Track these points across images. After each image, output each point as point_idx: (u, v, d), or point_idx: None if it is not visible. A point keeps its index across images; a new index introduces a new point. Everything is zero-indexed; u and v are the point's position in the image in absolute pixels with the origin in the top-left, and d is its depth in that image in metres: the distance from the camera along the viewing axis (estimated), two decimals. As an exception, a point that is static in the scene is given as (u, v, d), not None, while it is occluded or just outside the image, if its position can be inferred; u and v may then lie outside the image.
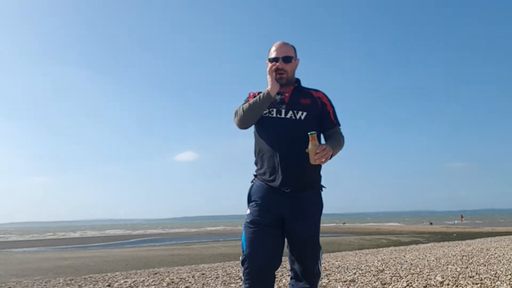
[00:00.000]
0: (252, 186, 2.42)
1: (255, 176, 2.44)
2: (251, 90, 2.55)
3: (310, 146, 2.16)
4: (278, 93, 2.39)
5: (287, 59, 2.38)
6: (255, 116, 2.37)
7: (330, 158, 2.22)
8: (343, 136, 2.47)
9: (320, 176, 2.43)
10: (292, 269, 2.38)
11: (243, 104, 2.42)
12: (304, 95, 2.42)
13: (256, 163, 2.45)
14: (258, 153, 2.42)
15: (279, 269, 2.43)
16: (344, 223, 67.30)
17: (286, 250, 2.37)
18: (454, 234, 26.51)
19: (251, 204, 2.36)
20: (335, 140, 2.37)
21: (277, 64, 2.36)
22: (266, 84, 2.40)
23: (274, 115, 2.35)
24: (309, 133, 2.15)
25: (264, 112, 2.36)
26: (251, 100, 2.38)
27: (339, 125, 2.49)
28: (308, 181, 2.34)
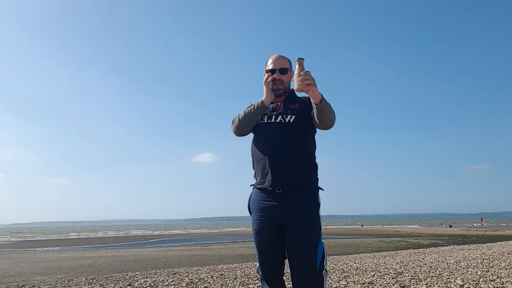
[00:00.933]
0: (250, 196, 2.53)
1: (253, 185, 2.53)
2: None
3: (295, 72, 2.21)
4: (271, 103, 2.53)
5: (284, 71, 2.53)
6: (250, 124, 2.51)
7: (321, 104, 2.20)
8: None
9: (315, 178, 2.45)
10: (291, 272, 2.38)
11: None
12: (293, 101, 2.53)
13: (253, 168, 2.55)
14: (253, 160, 2.53)
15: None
16: (362, 225, 66.60)
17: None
18: (474, 237, 26.04)
19: (252, 215, 2.47)
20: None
21: (274, 75, 2.51)
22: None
23: (265, 121, 2.48)
24: (296, 59, 2.22)
25: (259, 119, 2.50)
26: (247, 109, 2.52)
27: None
28: (300, 181, 2.36)
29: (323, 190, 2.44)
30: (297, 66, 2.21)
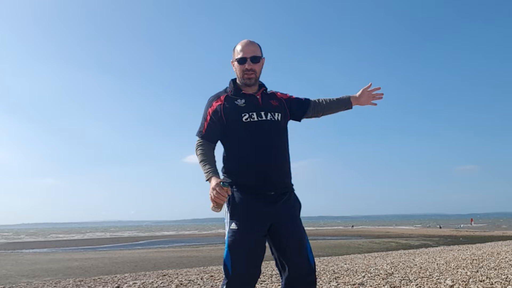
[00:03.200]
0: (231, 197, 2.27)
1: (232, 184, 2.29)
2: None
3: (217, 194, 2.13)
4: (248, 95, 2.39)
5: (256, 59, 2.37)
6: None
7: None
8: None
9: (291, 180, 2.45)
10: (284, 275, 2.27)
11: (199, 146, 2.35)
12: (271, 97, 2.47)
13: (231, 169, 2.35)
14: (233, 158, 2.35)
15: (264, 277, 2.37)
16: (352, 226, 66.94)
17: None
18: (461, 238, 26.30)
19: (233, 220, 2.23)
20: (330, 99, 2.61)
21: (245, 65, 2.35)
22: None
23: (256, 118, 2.32)
24: (222, 185, 2.10)
25: (245, 117, 2.31)
26: (202, 165, 2.28)
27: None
28: (290, 182, 2.39)
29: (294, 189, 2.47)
30: (227, 193, 2.11)
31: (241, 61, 2.35)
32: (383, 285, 5.06)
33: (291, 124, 2.56)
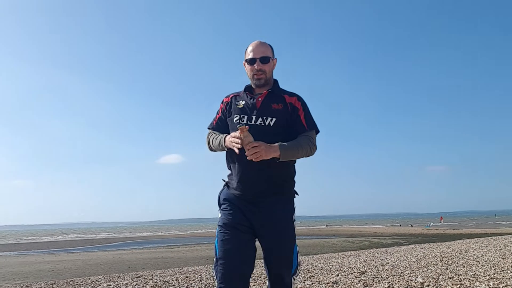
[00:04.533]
0: (222, 191, 2.43)
1: (226, 182, 2.43)
2: (237, 88, 2.56)
3: (242, 138, 2.15)
4: (251, 97, 2.40)
5: (265, 60, 2.37)
6: (221, 150, 2.43)
7: (280, 158, 2.20)
8: (311, 140, 2.36)
9: (291, 182, 2.41)
10: (267, 277, 2.36)
11: (211, 133, 2.47)
12: (277, 99, 2.37)
13: (226, 165, 2.46)
14: (228, 160, 2.41)
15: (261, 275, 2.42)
16: (326, 226, 67.53)
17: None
18: (431, 237, 26.93)
19: (222, 207, 2.36)
20: (294, 141, 2.29)
21: (255, 65, 2.35)
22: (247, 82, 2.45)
23: (245, 121, 2.32)
24: (238, 126, 2.15)
25: (235, 118, 2.36)
26: (215, 141, 2.39)
27: (314, 129, 2.39)
28: (275, 187, 2.31)
29: (298, 195, 2.42)
30: (240, 134, 2.14)
31: (251, 61, 2.37)
32: (356, 283, 5.16)
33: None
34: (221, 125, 2.48)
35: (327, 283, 5.26)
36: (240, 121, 2.33)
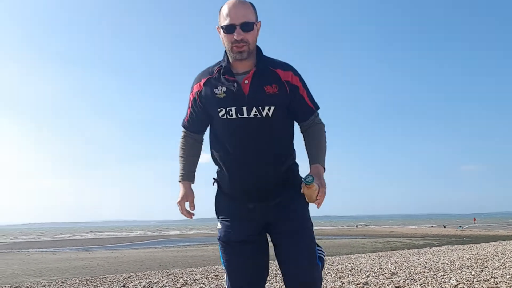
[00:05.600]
0: (218, 196, 2.03)
1: (217, 181, 2.02)
2: None
3: (307, 192, 1.77)
4: (233, 80, 1.83)
5: (248, 26, 1.78)
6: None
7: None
8: (323, 126, 2.00)
9: (296, 171, 2.01)
10: (284, 278, 1.90)
11: (183, 139, 2.08)
12: (269, 78, 1.83)
13: (214, 160, 1.99)
14: (219, 159, 1.94)
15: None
16: (357, 226, 66.79)
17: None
18: (465, 238, 26.22)
19: (220, 217, 1.97)
20: (318, 145, 1.95)
21: (234, 35, 1.76)
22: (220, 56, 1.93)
23: (234, 115, 1.81)
24: (305, 182, 1.71)
25: (221, 112, 1.84)
26: (179, 156, 2.07)
27: (317, 108, 1.96)
28: (283, 182, 1.92)
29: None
30: (306, 188, 1.75)
31: (229, 29, 1.78)
32: (388, 285, 5.07)
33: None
34: (194, 123, 2.01)
35: (357, 284, 5.20)
36: (228, 116, 1.82)
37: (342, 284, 5.25)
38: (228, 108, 1.81)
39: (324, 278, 5.72)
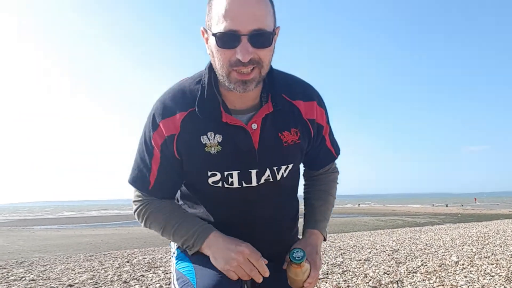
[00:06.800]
0: None
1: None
2: None
3: (292, 273, 1.18)
4: (236, 126, 1.15)
5: (262, 38, 1.02)
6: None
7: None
8: (337, 175, 1.47)
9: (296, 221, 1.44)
10: None
11: (150, 207, 1.34)
12: (287, 120, 1.20)
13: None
14: (200, 216, 1.30)
15: None
16: (359, 204, 67.18)
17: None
18: (467, 217, 26.29)
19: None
20: (325, 205, 1.39)
21: (238, 51, 1.01)
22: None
23: (236, 184, 1.18)
24: (291, 259, 1.14)
25: (212, 179, 1.18)
26: (172, 220, 1.30)
27: (338, 153, 1.42)
28: (291, 239, 1.40)
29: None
30: (293, 268, 1.17)
31: (228, 39, 1.01)
32: (389, 261, 5.12)
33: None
34: (165, 187, 1.26)
35: (359, 260, 5.24)
36: (225, 184, 1.18)
37: (344, 260, 5.29)
38: (226, 173, 1.16)
39: (326, 255, 5.77)
